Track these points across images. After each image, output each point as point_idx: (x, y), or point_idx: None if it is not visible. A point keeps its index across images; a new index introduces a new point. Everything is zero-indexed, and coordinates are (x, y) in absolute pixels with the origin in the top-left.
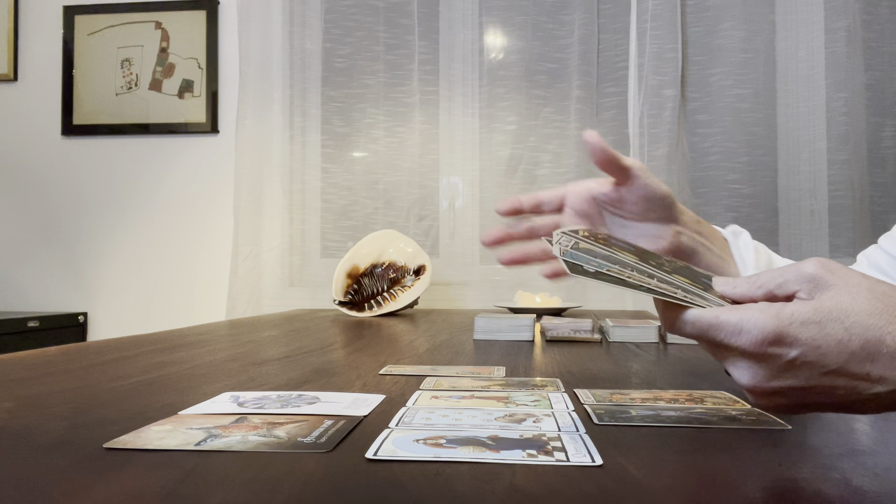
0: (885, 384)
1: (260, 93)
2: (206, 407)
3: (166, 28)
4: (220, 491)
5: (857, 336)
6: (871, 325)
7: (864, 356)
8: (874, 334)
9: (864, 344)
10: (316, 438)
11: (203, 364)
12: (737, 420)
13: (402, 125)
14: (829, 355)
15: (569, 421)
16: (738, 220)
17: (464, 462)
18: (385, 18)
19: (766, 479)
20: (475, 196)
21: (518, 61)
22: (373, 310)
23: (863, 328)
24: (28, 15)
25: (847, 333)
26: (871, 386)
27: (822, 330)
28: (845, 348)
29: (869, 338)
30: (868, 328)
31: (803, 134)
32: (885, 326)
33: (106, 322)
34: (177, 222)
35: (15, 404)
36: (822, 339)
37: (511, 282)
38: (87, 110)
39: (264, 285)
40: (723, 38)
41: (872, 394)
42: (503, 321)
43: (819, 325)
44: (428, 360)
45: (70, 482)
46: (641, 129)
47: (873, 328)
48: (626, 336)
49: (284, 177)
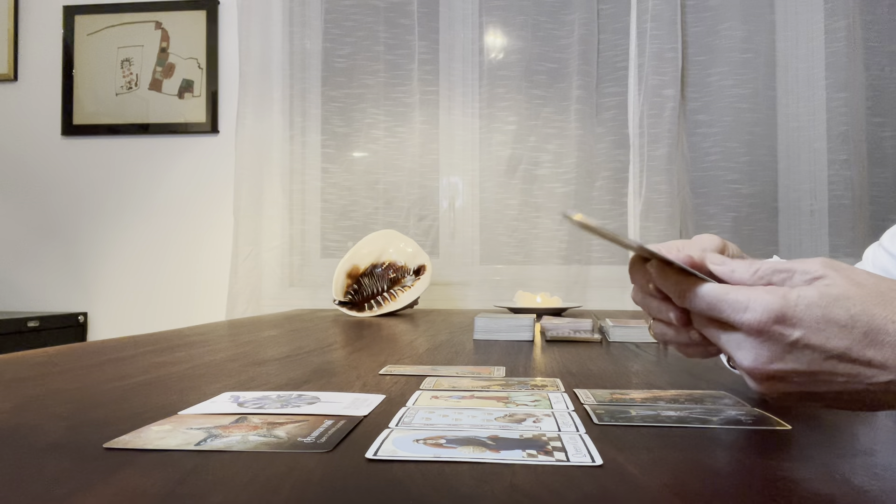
0: (887, 372)
1: (260, 93)
2: (206, 407)
3: (166, 28)
4: (220, 491)
5: (860, 323)
6: (875, 314)
7: (866, 343)
8: (878, 322)
9: (868, 331)
10: (316, 438)
11: (203, 364)
12: (737, 420)
13: (402, 125)
14: (831, 339)
15: (569, 421)
16: (738, 220)
17: (464, 462)
18: (385, 18)
19: (766, 479)
20: (475, 196)
21: (518, 61)
22: (373, 310)
23: (867, 316)
24: (28, 15)
25: (851, 319)
26: (872, 373)
27: (827, 314)
28: (848, 333)
29: (872, 325)
30: (872, 316)
31: (803, 134)
32: (889, 316)
33: (106, 322)
34: (177, 222)
35: (15, 404)
36: (825, 322)
37: (511, 282)
38: (87, 110)
39: (264, 285)
40: (723, 38)
41: (874, 382)
42: (503, 321)
43: (823, 309)
44: (428, 360)
45: (70, 482)
46: (641, 129)
47: (877, 317)
48: (626, 336)
49: (284, 177)
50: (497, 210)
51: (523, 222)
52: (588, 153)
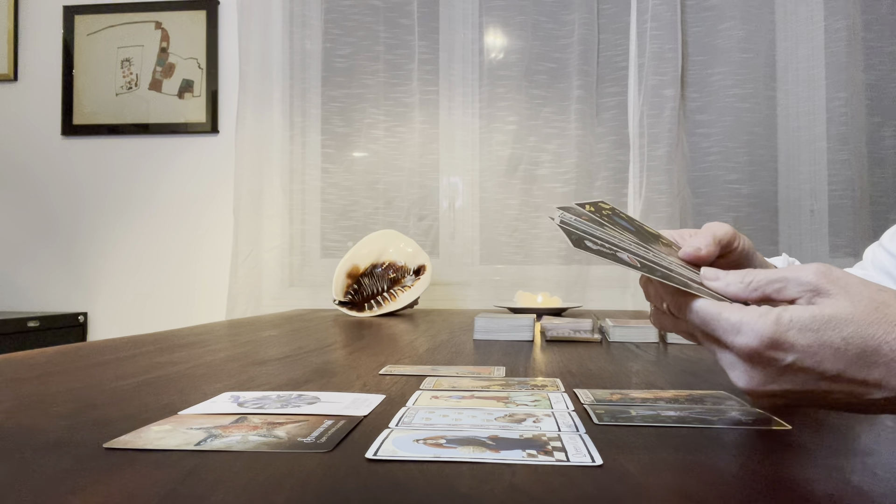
0: (883, 390)
1: (260, 93)
2: (206, 407)
3: (166, 28)
4: (220, 491)
5: (854, 346)
6: (869, 335)
7: (861, 364)
8: (871, 343)
9: (861, 353)
10: (316, 438)
11: (203, 364)
12: (737, 420)
13: (402, 125)
14: (825, 362)
15: (569, 421)
16: (738, 220)
17: (464, 462)
18: (385, 18)
19: (767, 479)
20: (475, 196)
21: (518, 61)
22: (373, 310)
23: (861, 338)
24: (28, 15)
25: (844, 343)
26: (868, 391)
27: (820, 338)
28: (842, 357)
29: (866, 347)
30: (866, 338)
31: (803, 134)
32: (882, 336)
33: (106, 322)
34: (177, 222)
35: (15, 404)
36: (818, 346)
37: (511, 282)
38: (87, 110)
39: (264, 285)
40: (723, 38)
41: (870, 399)
42: (503, 321)
43: (816, 333)
44: (428, 360)
45: (70, 482)
46: (641, 129)
47: (871, 338)
48: (626, 336)
49: (284, 177)
50: (497, 210)
51: (523, 222)
52: (588, 153)
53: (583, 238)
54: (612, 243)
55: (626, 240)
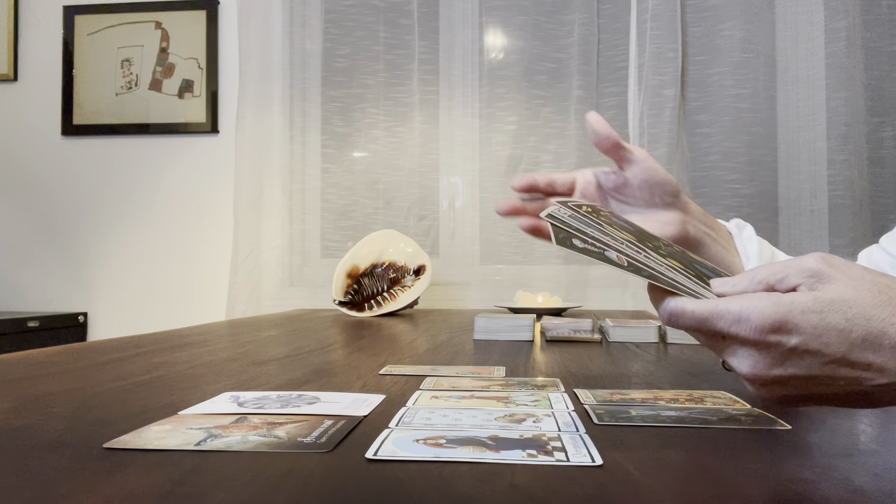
0: (887, 375)
1: (260, 93)
2: (206, 407)
3: (166, 28)
4: (220, 491)
5: (858, 327)
6: (873, 317)
7: (865, 346)
8: (876, 325)
9: (866, 335)
10: (316, 438)
11: (203, 364)
12: (737, 420)
13: (402, 125)
14: (830, 344)
15: (569, 421)
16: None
17: (464, 462)
18: (385, 18)
19: (766, 479)
20: (475, 196)
21: (518, 61)
22: (373, 310)
23: (865, 319)
24: (28, 15)
25: (849, 324)
26: (872, 376)
27: (824, 319)
28: (847, 338)
29: (871, 329)
30: (871, 319)
31: (803, 134)
32: (887, 318)
33: (106, 322)
34: (177, 222)
35: (15, 404)
36: (823, 327)
37: (511, 282)
38: (86, 110)
39: (264, 285)
40: (723, 38)
41: (874, 385)
42: (503, 321)
43: (820, 314)
44: (428, 360)
45: (70, 482)
46: (641, 129)
47: (876, 319)
48: (626, 336)
49: (284, 177)
50: None
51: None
52: (588, 153)
53: (570, 236)
54: (602, 242)
55: (622, 239)
